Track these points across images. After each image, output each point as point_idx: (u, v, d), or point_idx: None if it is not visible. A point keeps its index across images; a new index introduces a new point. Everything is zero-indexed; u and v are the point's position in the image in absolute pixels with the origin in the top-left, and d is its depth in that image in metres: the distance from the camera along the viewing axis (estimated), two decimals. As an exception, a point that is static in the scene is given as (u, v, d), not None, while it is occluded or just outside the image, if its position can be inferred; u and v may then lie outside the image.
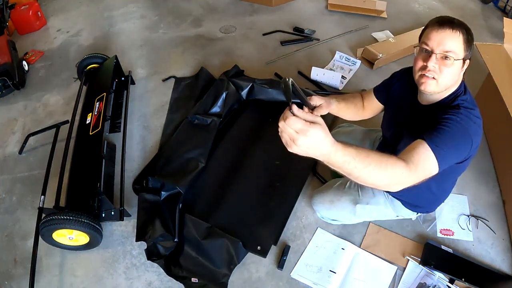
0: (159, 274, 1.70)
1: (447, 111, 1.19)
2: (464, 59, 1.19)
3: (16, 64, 2.73)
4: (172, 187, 1.90)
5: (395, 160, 1.01)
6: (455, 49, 1.17)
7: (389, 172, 0.97)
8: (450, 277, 1.59)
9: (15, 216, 1.97)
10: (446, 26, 1.16)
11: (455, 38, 1.16)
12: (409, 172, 1.01)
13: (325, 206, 1.72)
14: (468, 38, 1.18)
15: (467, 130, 1.14)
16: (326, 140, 0.89)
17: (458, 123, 1.14)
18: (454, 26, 1.16)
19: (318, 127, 0.87)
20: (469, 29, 1.19)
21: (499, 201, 1.89)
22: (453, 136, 1.11)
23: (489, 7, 3.39)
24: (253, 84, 2.41)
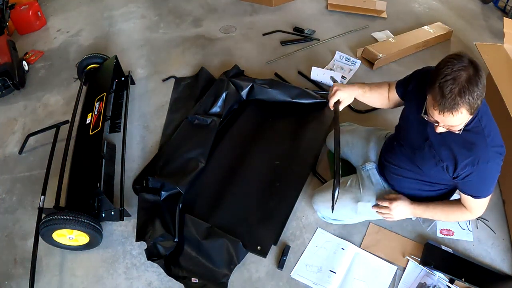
0: (159, 274, 1.70)
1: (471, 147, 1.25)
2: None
3: (16, 64, 2.73)
4: (172, 187, 1.90)
5: (457, 209, 1.41)
6: (458, 123, 1.17)
7: (454, 217, 1.45)
8: (450, 277, 1.59)
9: (15, 216, 1.98)
10: (446, 110, 1.12)
11: (458, 117, 1.13)
12: (470, 214, 1.41)
13: (325, 205, 1.72)
14: (474, 104, 1.11)
15: (498, 168, 1.28)
16: (406, 207, 1.47)
17: (492, 170, 1.28)
18: (455, 108, 1.11)
19: (396, 202, 1.46)
20: (474, 93, 1.09)
21: (499, 201, 1.89)
22: (491, 180, 1.32)
23: (489, 7, 3.39)
24: (253, 84, 2.41)
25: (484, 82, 1.11)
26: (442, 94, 1.11)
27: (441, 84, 1.11)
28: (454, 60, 1.11)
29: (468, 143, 1.25)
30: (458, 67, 1.10)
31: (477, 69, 1.10)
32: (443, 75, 1.11)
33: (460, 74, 1.09)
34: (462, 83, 1.09)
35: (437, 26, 2.96)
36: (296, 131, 2.23)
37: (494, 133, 1.26)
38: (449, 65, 1.11)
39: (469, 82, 1.08)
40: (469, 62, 1.11)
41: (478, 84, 1.09)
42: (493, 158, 1.25)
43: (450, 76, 1.10)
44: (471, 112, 1.13)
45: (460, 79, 1.09)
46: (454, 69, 1.10)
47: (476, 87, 1.08)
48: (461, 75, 1.09)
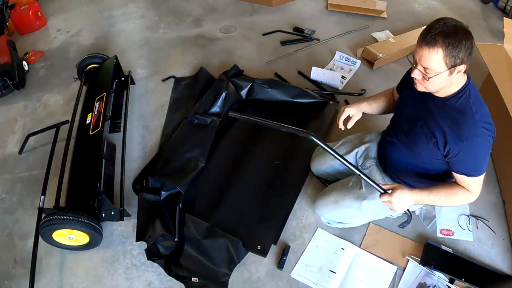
0: (159, 274, 1.70)
1: (460, 122, 1.29)
2: (451, 69, 1.21)
3: (16, 64, 2.73)
4: (172, 187, 1.90)
5: (457, 189, 1.39)
6: (432, 67, 1.21)
7: (456, 199, 1.41)
8: (450, 277, 1.59)
9: (15, 216, 1.98)
10: (424, 44, 1.19)
11: (433, 56, 1.19)
12: (470, 195, 1.39)
13: (329, 208, 1.71)
14: (451, 53, 1.18)
15: (488, 144, 1.31)
16: (407, 195, 1.39)
17: (481, 146, 1.30)
18: (433, 44, 1.17)
19: (396, 193, 1.38)
20: (455, 42, 1.17)
21: (499, 201, 1.89)
22: (482, 156, 1.33)
23: (489, 7, 3.39)
24: (253, 84, 2.41)
25: (470, 49, 1.19)
26: (428, 29, 1.19)
27: (430, 24, 1.20)
28: (457, 21, 1.19)
29: (456, 119, 1.29)
30: (453, 23, 1.18)
31: (469, 35, 1.19)
32: (436, 21, 1.20)
33: (451, 26, 1.17)
34: (449, 29, 1.16)
35: (437, 26, 2.95)
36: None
37: (482, 112, 1.30)
38: (447, 19, 1.19)
39: (456, 34, 1.16)
40: (465, 28, 1.19)
41: (463, 41, 1.16)
42: (482, 133, 1.27)
43: (441, 22, 1.18)
44: (446, 61, 1.18)
45: (449, 28, 1.17)
46: (448, 22, 1.18)
47: (460, 41, 1.16)
48: (452, 27, 1.17)
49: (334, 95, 2.50)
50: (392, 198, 1.38)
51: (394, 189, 1.39)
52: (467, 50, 1.18)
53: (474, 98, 1.30)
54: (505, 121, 1.86)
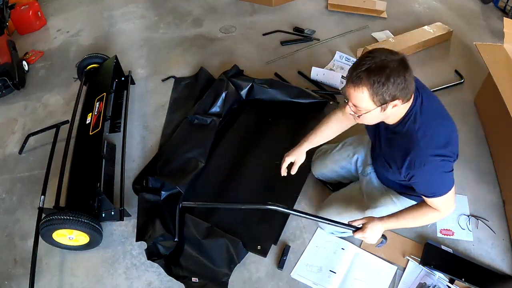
0: (159, 274, 1.70)
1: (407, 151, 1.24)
2: (383, 106, 1.15)
3: (16, 64, 2.73)
4: (172, 187, 1.90)
5: (425, 210, 1.35)
6: (360, 105, 1.17)
7: (425, 219, 1.38)
8: (450, 277, 1.59)
9: (15, 216, 1.98)
10: (350, 82, 1.14)
11: (359, 95, 1.14)
12: (439, 213, 1.35)
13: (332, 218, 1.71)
14: (378, 91, 1.11)
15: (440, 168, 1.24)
16: (377, 226, 1.38)
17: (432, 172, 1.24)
18: (357, 82, 1.11)
19: (368, 229, 1.38)
20: (381, 79, 1.09)
21: (499, 201, 1.89)
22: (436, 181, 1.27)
23: (489, 7, 3.39)
24: (253, 84, 2.41)
25: (401, 84, 1.10)
26: (355, 66, 1.12)
27: (359, 58, 1.14)
28: (389, 53, 1.11)
29: (403, 147, 1.25)
30: (382, 57, 1.10)
31: (400, 68, 1.09)
32: (365, 55, 1.12)
33: (379, 61, 1.09)
34: (376, 65, 1.08)
35: (437, 26, 2.95)
36: (295, 131, 2.22)
37: (432, 135, 1.22)
38: (377, 53, 1.11)
39: (383, 70, 1.08)
40: (400, 60, 1.11)
41: (391, 78, 1.08)
42: (430, 161, 1.21)
43: (370, 57, 1.10)
44: (374, 100, 1.13)
45: (377, 63, 1.09)
46: (376, 56, 1.10)
47: (387, 79, 1.08)
48: (380, 62, 1.09)
49: (334, 95, 2.50)
50: (365, 235, 1.40)
51: (364, 224, 1.40)
52: (397, 86, 1.10)
53: (422, 121, 1.23)
54: (505, 121, 1.86)
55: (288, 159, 1.58)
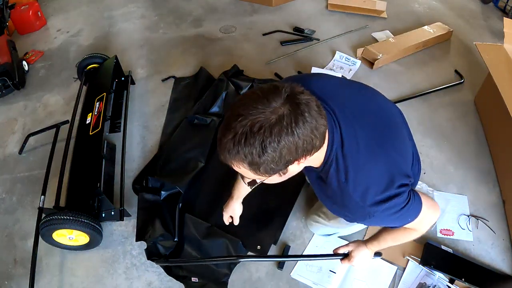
0: (159, 274, 1.70)
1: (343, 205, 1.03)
2: (277, 173, 0.88)
3: (16, 64, 2.73)
4: (172, 187, 1.90)
5: (402, 231, 1.20)
6: (249, 176, 0.91)
7: (404, 238, 1.23)
8: (450, 277, 1.59)
9: (15, 216, 1.97)
10: (220, 154, 0.86)
11: (238, 169, 0.88)
12: (416, 232, 1.19)
13: (317, 226, 1.71)
14: (257, 166, 0.81)
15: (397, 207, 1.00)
16: (364, 251, 1.33)
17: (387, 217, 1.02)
18: (227, 159, 0.85)
19: (354, 256, 1.34)
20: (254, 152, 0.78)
21: (499, 201, 1.89)
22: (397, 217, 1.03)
23: (489, 7, 3.39)
24: (253, 84, 2.41)
25: (290, 147, 0.79)
26: (221, 130, 0.82)
27: (227, 115, 0.81)
28: (266, 101, 0.77)
29: (338, 200, 1.03)
30: (262, 108, 0.77)
31: (286, 126, 0.76)
32: (238, 106, 0.79)
33: (251, 121, 0.77)
34: (244, 130, 0.76)
35: (437, 26, 2.95)
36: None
37: (366, 184, 0.96)
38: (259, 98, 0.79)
39: (254, 136, 0.76)
40: (285, 104, 0.77)
41: (270, 146, 0.77)
42: (375, 211, 0.96)
43: (242, 111, 0.78)
44: (258, 173, 0.84)
45: (246, 126, 0.76)
46: (256, 105, 0.77)
47: (264, 148, 0.77)
48: (251, 122, 0.76)
49: (334, 95, 2.50)
50: (353, 262, 1.33)
51: (351, 252, 1.34)
52: (283, 151, 0.78)
53: (347, 168, 0.96)
54: (505, 121, 1.86)
55: (226, 215, 1.60)
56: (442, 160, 2.09)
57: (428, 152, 2.13)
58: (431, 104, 2.42)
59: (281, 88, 0.79)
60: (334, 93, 1.06)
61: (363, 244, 1.33)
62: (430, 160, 2.08)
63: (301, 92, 0.81)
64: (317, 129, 0.81)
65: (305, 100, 0.79)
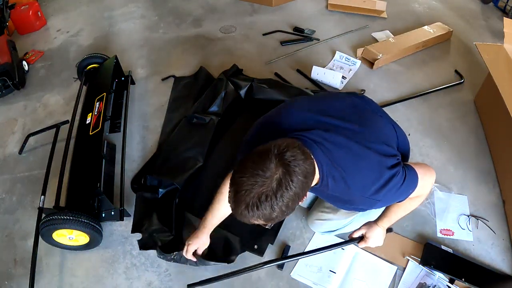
0: (159, 274, 1.70)
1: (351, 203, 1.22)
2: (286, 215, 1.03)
3: (16, 64, 2.73)
4: (170, 183, 1.91)
5: (409, 201, 1.28)
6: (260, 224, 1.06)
7: (411, 206, 1.36)
8: (450, 277, 1.59)
9: (15, 216, 1.97)
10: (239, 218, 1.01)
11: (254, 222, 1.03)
12: (422, 197, 1.33)
13: (317, 224, 1.72)
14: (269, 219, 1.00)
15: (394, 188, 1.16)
16: (377, 230, 1.43)
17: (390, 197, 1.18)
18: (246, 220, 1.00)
19: (369, 238, 1.44)
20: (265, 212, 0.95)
21: (499, 201, 1.89)
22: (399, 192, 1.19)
23: (489, 7, 3.39)
24: (252, 83, 2.41)
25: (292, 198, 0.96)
26: (235, 201, 0.97)
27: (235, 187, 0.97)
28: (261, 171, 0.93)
29: (343, 200, 1.19)
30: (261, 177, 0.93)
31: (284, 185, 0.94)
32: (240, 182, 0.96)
33: (256, 191, 0.94)
34: (252, 199, 0.94)
35: (437, 26, 2.95)
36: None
37: (362, 181, 1.12)
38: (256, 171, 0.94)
39: (263, 202, 0.94)
40: (278, 166, 0.94)
41: (276, 205, 0.94)
42: (378, 197, 1.13)
43: (244, 186, 0.94)
44: (272, 221, 1.02)
45: (252, 196, 0.94)
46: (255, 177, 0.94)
47: (272, 208, 0.94)
48: (256, 192, 0.94)
49: (334, 95, 2.50)
50: (369, 243, 1.42)
51: (365, 234, 1.45)
52: (289, 203, 0.96)
53: (341, 175, 1.11)
54: (505, 121, 1.86)
55: (192, 248, 1.53)
56: (442, 160, 2.09)
57: (428, 152, 2.13)
58: (431, 104, 2.42)
59: (269, 153, 0.94)
60: (305, 118, 1.20)
61: (374, 224, 1.41)
62: (430, 160, 2.08)
63: (286, 149, 0.95)
64: (308, 170, 0.98)
65: (292, 156, 0.95)
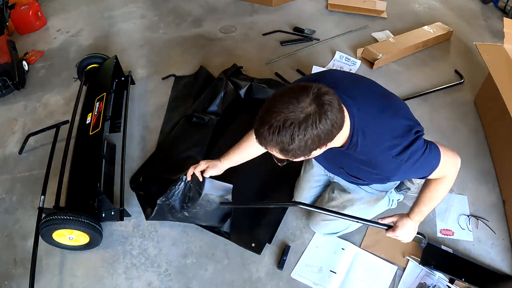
0: (159, 274, 1.70)
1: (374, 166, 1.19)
2: (304, 157, 1.04)
3: (16, 64, 2.73)
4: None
5: (435, 185, 1.29)
6: (279, 156, 1.05)
7: (442, 192, 1.30)
8: (450, 277, 1.59)
9: (15, 216, 1.97)
10: (257, 139, 1.01)
11: (271, 151, 1.03)
12: (449, 178, 1.27)
13: (321, 225, 1.72)
14: (287, 151, 0.98)
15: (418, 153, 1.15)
16: (409, 224, 1.37)
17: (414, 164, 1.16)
18: (263, 143, 1.00)
19: (399, 227, 1.38)
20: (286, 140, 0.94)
21: (499, 201, 1.89)
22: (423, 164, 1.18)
23: (489, 7, 3.39)
24: (252, 83, 2.41)
25: (315, 138, 0.95)
26: (259, 119, 0.99)
27: (263, 108, 0.99)
28: (295, 100, 0.93)
29: (371, 164, 1.17)
30: (292, 105, 0.93)
31: (312, 121, 0.93)
32: (273, 104, 0.96)
33: (284, 116, 0.93)
34: (278, 123, 0.93)
35: (437, 26, 2.96)
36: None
37: (392, 137, 1.12)
38: (289, 98, 0.94)
39: (286, 129, 0.93)
40: (311, 104, 0.93)
41: (297, 137, 0.93)
42: (401, 160, 1.12)
43: (275, 108, 0.95)
44: (288, 156, 1.01)
45: (279, 120, 0.93)
46: (287, 104, 0.93)
47: (292, 139, 0.93)
48: (284, 117, 0.93)
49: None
50: (397, 233, 1.38)
51: (395, 223, 1.40)
52: (308, 141, 0.95)
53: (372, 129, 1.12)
54: (505, 121, 1.86)
55: (203, 164, 1.53)
56: (442, 160, 2.08)
57: (428, 152, 2.13)
58: (431, 104, 2.42)
59: (309, 89, 0.95)
60: (344, 82, 1.22)
61: (406, 216, 1.38)
62: (430, 160, 2.08)
63: (326, 93, 0.96)
64: (337, 121, 0.98)
65: (328, 100, 0.95)
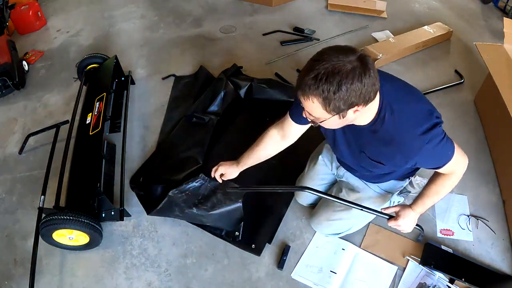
0: (159, 274, 1.70)
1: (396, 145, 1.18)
2: (341, 113, 1.04)
3: (16, 64, 2.73)
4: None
5: (442, 180, 1.33)
6: (314, 114, 1.07)
7: (447, 188, 1.35)
8: (450, 277, 1.59)
9: (15, 216, 1.97)
10: (298, 89, 1.03)
11: (310, 104, 1.03)
12: (456, 175, 1.32)
13: (324, 225, 1.71)
14: (329, 101, 0.98)
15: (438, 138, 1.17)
16: (410, 213, 1.38)
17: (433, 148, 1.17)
18: (305, 91, 1.00)
19: (401, 217, 1.39)
20: (331, 88, 0.96)
21: (499, 201, 1.89)
22: (441, 149, 1.21)
23: (489, 7, 3.39)
24: (252, 83, 2.41)
25: (359, 91, 0.97)
26: (304, 71, 1.00)
27: (309, 62, 1.01)
28: (342, 54, 0.96)
29: (394, 142, 1.17)
30: (339, 58, 0.96)
31: (357, 73, 0.95)
32: (315, 58, 1.00)
33: (331, 65, 0.95)
34: (326, 70, 0.95)
35: (437, 26, 2.96)
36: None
37: (416, 116, 1.15)
38: (335, 52, 0.98)
39: (334, 76, 0.95)
40: (356, 61, 0.96)
41: (343, 86, 0.95)
42: (423, 141, 1.13)
43: (321, 57, 0.98)
44: (327, 109, 1.01)
45: (327, 68, 0.95)
46: (327, 58, 0.97)
47: (338, 87, 0.95)
48: (331, 68, 0.95)
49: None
50: (398, 222, 1.40)
51: (397, 212, 1.41)
52: (352, 92, 0.97)
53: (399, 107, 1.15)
54: (505, 121, 1.86)
55: (221, 169, 1.57)
56: (442, 160, 2.09)
57: (428, 152, 2.13)
58: (431, 104, 2.42)
59: (355, 50, 0.99)
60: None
61: (408, 207, 1.40)
62: (430, 160, 2.08)
63: (368, 58, 1.00)
64: (375, 85, 1.01)
65: (371, 63, 0.99)
